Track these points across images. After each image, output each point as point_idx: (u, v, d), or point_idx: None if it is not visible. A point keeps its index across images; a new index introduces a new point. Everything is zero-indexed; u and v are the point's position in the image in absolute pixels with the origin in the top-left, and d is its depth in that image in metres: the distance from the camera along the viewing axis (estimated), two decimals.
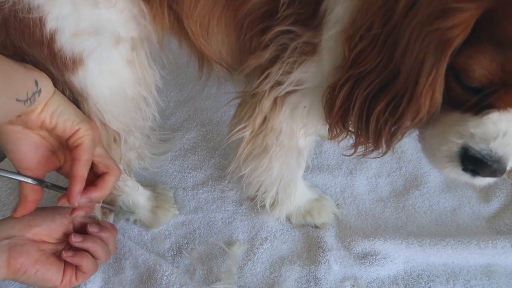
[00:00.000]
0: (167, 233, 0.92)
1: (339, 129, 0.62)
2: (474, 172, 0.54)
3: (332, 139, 0.65)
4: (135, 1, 0.63)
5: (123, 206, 0.89)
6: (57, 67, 0.62)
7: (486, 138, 0.51)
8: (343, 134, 0.63)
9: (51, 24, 0.59)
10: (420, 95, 0.49)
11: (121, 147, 0.73)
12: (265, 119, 0.72)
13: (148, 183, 0.99)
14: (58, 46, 0.60)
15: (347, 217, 0.95)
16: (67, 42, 0.60)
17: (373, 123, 0.55)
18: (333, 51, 0.59)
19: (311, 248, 0.89)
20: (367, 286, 0.84)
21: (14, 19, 0.58)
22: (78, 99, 0.66)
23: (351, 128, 0.61)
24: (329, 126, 0.63)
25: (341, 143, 0.66)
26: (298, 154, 0.80)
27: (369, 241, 0.87)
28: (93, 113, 0.67)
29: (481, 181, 0.56)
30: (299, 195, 0.91)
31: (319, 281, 0.83)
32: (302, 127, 0.73)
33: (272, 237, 0.91)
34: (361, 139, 0.60)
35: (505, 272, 0.85)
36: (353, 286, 0.83)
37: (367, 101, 0.55)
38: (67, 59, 0.61)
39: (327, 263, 0.85)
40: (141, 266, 0.84)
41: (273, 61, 0.66)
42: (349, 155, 0.63)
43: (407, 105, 0.51)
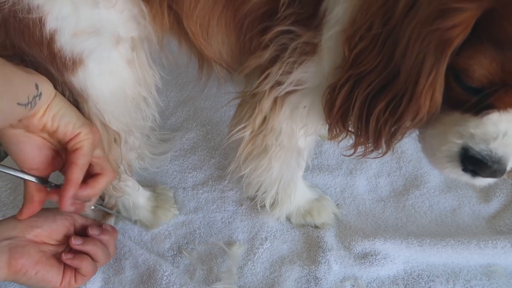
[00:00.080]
0: (167, 233, 0.92)
1: (339, 129, 0.62)
2: (474, 172, 0.54)
3: (332, 139, 0.65)
4: (135, 1, 0.63)
5: (123, 208, 0.89)
6: (57, 67, 0.62)
7: (486, 138, 0.51)
8: (343, 134, 0.63)
9: (50, 24, 0.59)
10: (420, 95, 0.49)
11: (122, 148, 0.73)
12: (265, 119, 0.72)
13: (148, 183, 0.99)
14: (58, 46, 0.60)
15: (347, 217, 0.95)
16: (67, 42, 0.60)
17: (373, 123, 0.55)
18: (333, 51, 0.59)
19: (311, 248, 0.89)
20: (367, 286, 0.84)
21: (14, 20, 0.58)
22: (78, 100, 0.66)
23: (351, 128, 0.60)
24: (329, 126, 0.63)
25: (341, 143, 0.66)
26: (298, 154, 0.80)
27: (369, 241, 0.87)
28: (93, 113, 0.67)
29: (481, 181, 0.56)
30: (299, 195, 0.91)
31: (319, 281, 0.83)
32: (302, 127, 0.73)
33: (272, 237, 0.91)
34: (361, 139, 0.60)
35: (505, 272, 0.85)
36: (353, 286, 0.83)
37: (367, 101, 0.55)
38: (67, 59, 0.61)
39: (327, 263, 0.85)
40: (141, 266, 0.84)
41: (273, 61, 0.66)
42: (349, 155, 0.63)
43: (407, 105, 0.51)
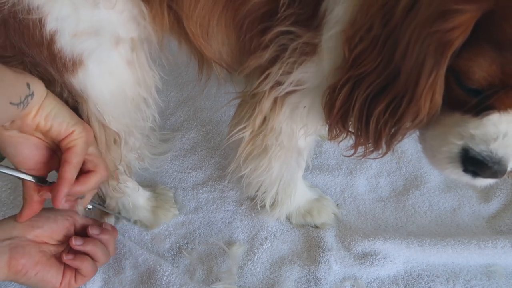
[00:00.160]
0: (167, 233, 0.92)
1: (339, 130, 0.62)
2: (474, 173, 0.54)
3: (332, 140, 0.65)
4: (135, 1, 0.63)
5: (122, 208, 0.89)
6: (57, 68, 0.62)
7: (486, 139, 0.51)
8: (343, 134, 0.63)
9: (50, 25, 0.58)
10: (420, 97, 0.49)
11: (122, 148, 0.73)
12: (265, 119, 0.72)
13: (148, 183, 0.99)
14: (57, 47, 0.60)
15: (347, 217, 0.95)
16: (66, 43, 0.60)
17: (373, 124, 0.55)
18: (333, 51, 0.59)
19: (311, 248, 0.89)
20: (367, 286, 0.84)
21: (13, 20, 0.58)
22: (78, 100, 0.66)
23: (351, 128, 0.61)
24: (329, 126, 0.63)
25: (341, 143, 0.66)
26: (298, 154, 0.80)
27: (369, 241, 0.87)
28: (93, 114, 0.67)
29: (481, 182, 0.56)
30: (299, 195, 0.91)
31: (319, 281, 0.83)
32: (302, 127, 0.73)
33: (272, 237, 0.91)
34: (361, 140, 0.60)
35: (505, 272, 0.85)
36: (353, 286, 0.83)
37: (367, 102, 0.55)
38: (67, 60, 0.61)
39: (327, 263, 0.85)
40: (141, 266, 0.84)
41: (273, 62, 0.66)
42: (349, 156, 0.63)
43: (407, 106, 0.51)
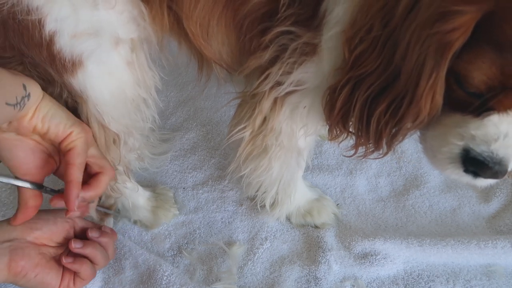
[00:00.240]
0: (167, 233, 0.92)
1: (339, 130, 0.62)
2: (475, 173, 0.54)
3: (332, 140, 0.65)
4: (134, 2, 0.63)
5: (123, 208, 0.89)
6: (56, 69, 0.62)
7: (487, 140, 0.51)
8: (343, 135, 0.63)
9: (50, 26, 0.58)
10: (420, 98, 0.49)
11: (121, 149, 0.73)
12: (265, 120, 0.72)
13: (148, 183, 0.99)
14: (57, 48, 0.60)
15: (347, 217, 0.95)
16: (66, 44, 0.60)
17: (373, 125, 0.55)
18: (333, 51, 0.59)
19: (311, 248, 0.89)
20: (367, 286, 0.84)
21: (13, 21, 0.57)
22: (77, 101, 0.66)
23: (351, 129, 0.60)
24: (330, 127, 0.63)
25: (341, 143, 0.66)
26: (297, 154, 0.80)
27: (369, 241, 0.87)
28: (93, 115, 0.67)
29: (482, 182, 0.56)
30: (299, 195, 0.91)
31: (319, 281, 0.83)
32: (302, 127, 0.73)
33: (272, 237, 0.91)
34: (362, 140, 0.60)
35: (505, 272, 0.85)
36: (353, 286, 0.83)
37: (368, 102, 0.55)
38: (66, 61, 0.61)
39: (327, 263, 0.85)
40: (141, 266, 0.84)
41: (273, 62, 0.66)
42: (349, 156, 0.63)
43: (408, 107, 0.51)
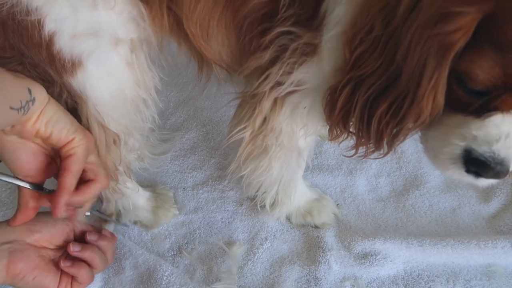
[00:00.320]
0: (167, 233, 0.92)
1: (340, 130, 0.62)
2: (477, 174, 0.54)
3: (332, 140, 0.65)
4: (134, 2, 0.63)
5: (123, 208, 0.89)
6: (56, 69, 0.61)
7: (488, 140, 0.51)
8: (344, 135, 0.63)
9: (49, 26, 0.58)
10: (422, 98, 0.49)
11: (121, 149, 0.73)
12: (265, 120, 0.72)
13: (148, 183, 0.98)
14: (56, 48, 0.60)
15: (347, 217, 0.95)
16: (65, 44, 0.60)
17: (374, 125, 0.55)
18: (333, 52, 0.59)
19: (311, 248, 0.89)
20: (367, 286, 0.84)
21: (12, 22, 0.57)
22: (77, 101, 0.66)
23: (352, 129, 0.60)
24: (330, 127, 0.63)
25: (341, 143, 0.65)
26: (298, 154, 0.80)
27: (369, 241, 0.87)
28: (92, 115, 0.66)
29: (484, 182, 0.57)
30: (299, 195, 0.90)
31: (319, 281, 0.83)
32: (302, 127, 0.72)
33: (272, 237, 0.91)
34: (363, 140, 0.60)
35: (505, 272, 0.85)
36: (353, 286, 0.83)
37: (369, 103, 0.55)
38: (66, 61, 0.61)
39: (327, 263, 0.85)
40: (141, 266, 0.84)
41: (273, 62, 0.66)
42: (350, 156, 0.63)
43: (409, 108, 0.51)
